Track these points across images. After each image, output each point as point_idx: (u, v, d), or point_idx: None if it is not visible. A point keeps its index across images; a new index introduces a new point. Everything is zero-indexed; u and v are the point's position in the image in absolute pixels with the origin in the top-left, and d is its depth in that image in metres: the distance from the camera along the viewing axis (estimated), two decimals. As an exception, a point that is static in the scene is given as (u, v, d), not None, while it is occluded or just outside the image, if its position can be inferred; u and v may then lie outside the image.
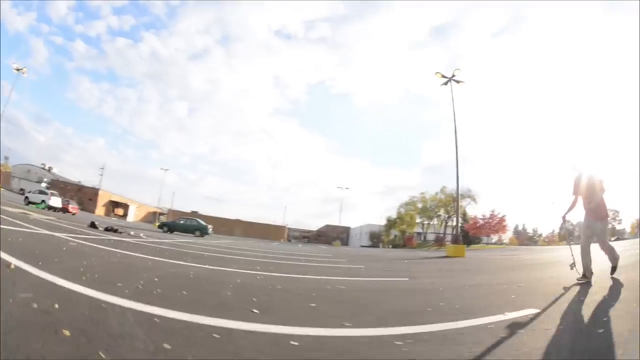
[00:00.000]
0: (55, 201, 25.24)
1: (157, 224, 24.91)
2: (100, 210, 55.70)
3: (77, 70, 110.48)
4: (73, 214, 24.89)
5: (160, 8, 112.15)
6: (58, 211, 23.64)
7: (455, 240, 15.43)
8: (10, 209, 12.08)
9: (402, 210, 63.48)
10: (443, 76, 18.26)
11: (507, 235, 56.28)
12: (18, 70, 28.91)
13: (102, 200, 58.22)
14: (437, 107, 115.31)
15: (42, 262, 3.49)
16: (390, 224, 63.00)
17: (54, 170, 73.85)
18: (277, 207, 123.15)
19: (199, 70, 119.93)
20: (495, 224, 51.53)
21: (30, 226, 7.96)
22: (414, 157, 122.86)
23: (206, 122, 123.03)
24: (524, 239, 70.32)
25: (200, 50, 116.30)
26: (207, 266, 5.69)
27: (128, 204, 62.86)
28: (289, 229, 72.60)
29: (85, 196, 55.28)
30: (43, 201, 24.23)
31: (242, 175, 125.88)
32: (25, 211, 13.83)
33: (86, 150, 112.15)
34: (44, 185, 63.08)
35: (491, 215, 51.80)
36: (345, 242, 65.87)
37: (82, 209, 52.72)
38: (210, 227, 23.21)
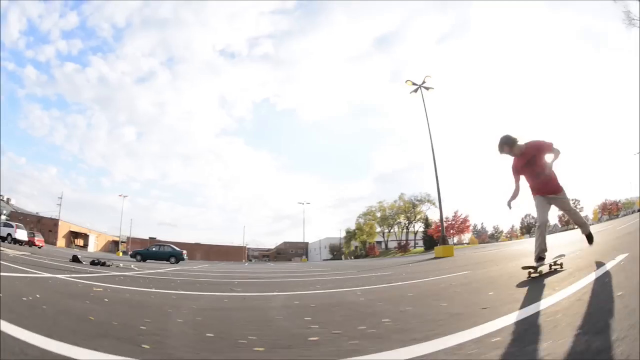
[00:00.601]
0: (21, 234, 23.60)
1: (120, 252, 22.75)
2: (61, 242, 53.28)
3: (28, 97, 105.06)
4: (39, 247, 23.65)
5: (107, 31, 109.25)
6: (23, 244, 22.47)
7: (443, 241, 15.83)
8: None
9: (362, 220, 64.57)
10: (413, 84, 18.84)
11: (467, 236, 59.15)
12: None
13: (62, 230, 55.59)
14: (385, 116, 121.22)
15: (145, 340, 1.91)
16: (350, 235, 63.73)
17: (12, 202, 67.74)
18: (230, 228, 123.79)
19: (145, 94, 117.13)
20: (459, 225, 53.43)
21: (23, 267, 6.63)
22: (365, 168, 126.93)
23: (155, 146, 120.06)
24: (485, 237, 73.21)
25: (146, 73, 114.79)
26: (267, 293, 4.77)
27: (87, 233, 59.93)
28: (249, 248, 70.83)
29: (45, 227, 51.55)
30: (9, 234, 22.56)
31: (193, 198, 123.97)
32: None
33: (40, 180, 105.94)
34: (3, 217, 57.08)
35: (454, 216, 53.40)
36: (305, 255, 65.23)
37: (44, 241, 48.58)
38: (184, 252, 21.85)
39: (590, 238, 4.63)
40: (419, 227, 65.25)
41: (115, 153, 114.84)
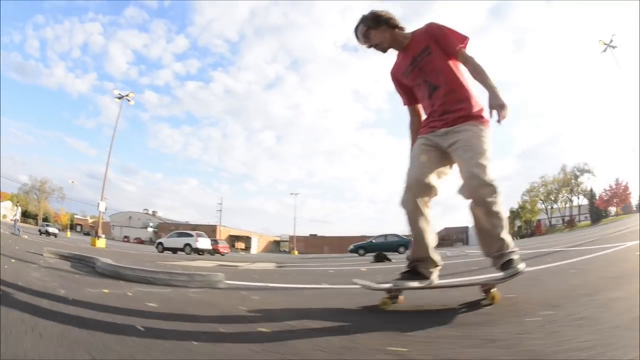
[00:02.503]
0: (204, 242, 20.86)
1: (296, 252, 22.74)
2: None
3: (153, 119, 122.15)
4: (223, 254, 21.94)
5: (222, 47, 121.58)
6: (204, 253, 19.84)
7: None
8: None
9: (527, 198, 60.43)
10: (605, 43, 18.35)
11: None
12: (121, 97, 23.80)
13: (222, 236, 54.41)
14: (516, 87, 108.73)
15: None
16: (514, 214, 59.74)
17: (159, 214, 75.56)
18: (382, 220, 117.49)
19: (277, 98, 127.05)
20: (621, 193, 48.83)
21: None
22: (506, 146, 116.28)
23: (296, 147, 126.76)
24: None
25: (274, 78, 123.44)
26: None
27: (249, 236, 61.93)
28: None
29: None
30: (188, 245, 20.05)
31: (342, 193, 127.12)
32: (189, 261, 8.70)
33: (179, 192, 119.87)
34: (150, 230, 67.16)
35: (616, 184, 49.10)
36: (465, 241, 63.11)
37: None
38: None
39: (506, 265, 1.88)
40: (581, 200, 59.09)
41: (257, 158, 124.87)
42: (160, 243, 20.96)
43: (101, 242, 18.49)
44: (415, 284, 1.96)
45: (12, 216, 20.88)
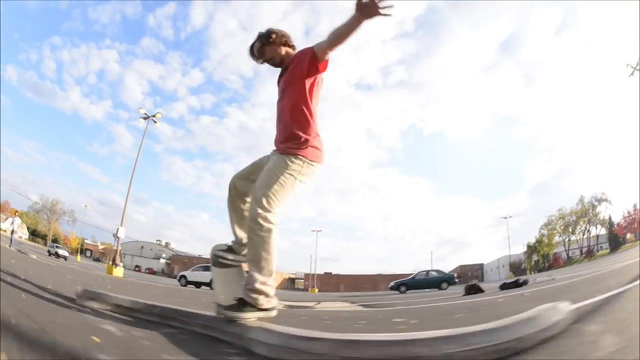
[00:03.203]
0: None
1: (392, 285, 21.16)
2: None
3: (167, 151, 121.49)
4: None
5: (236, 82, 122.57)
6: None
7: None
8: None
9: (544, 232, 59.93)
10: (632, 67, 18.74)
11: None
12: (147, 117, 22.13)
13: None
14: (525, 123, 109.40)
15: None
16: (532, 249, 58.99)
17: (172, 246, 75.15)
18: (393, 258, 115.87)
19: None
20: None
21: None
22: (517, 181, 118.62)
23: (308, 185, 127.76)
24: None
25: None
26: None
27: None
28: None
29: None
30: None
31: (354, 232, 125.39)
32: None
33: (191, 225, 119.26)
34: (163, 261, 67.05)
35: (634, 210, 48.41)
36: (481, 278, 61.45)
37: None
38: (455, 274, 20.74)
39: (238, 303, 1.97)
40: (599, 230, 58.23)
41: None
42: (184, 276, 19.60)
43: (119, 271, 17.46)
44: (247, 314, 1.96)
45: (9, 226, 17.57)
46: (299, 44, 2.30)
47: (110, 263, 18.50)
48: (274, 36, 2.26)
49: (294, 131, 2.08)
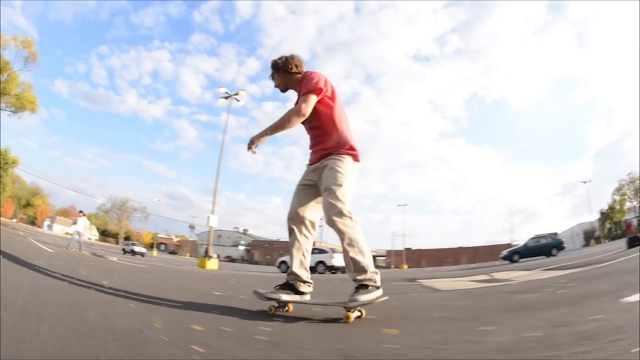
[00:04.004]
0: (340, 259, 17.45)
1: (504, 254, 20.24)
2: None
3: (233, 140, 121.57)
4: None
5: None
6: (335, 272, 17.87)
7: None
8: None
9: (616, 197, 56.65)
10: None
11: None
12: (228, 96, 20.25)
13: None
14: (584, 84, 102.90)
15: None
16: (604, 216, 56.18)
17: (250, 232, 75.71)
18: (466, 230, 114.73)
19: (355, 114, 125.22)
20: None
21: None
22: (581, 147, 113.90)
23: (379, 162, 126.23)
24: None
25: (350, 94, 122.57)
26: None
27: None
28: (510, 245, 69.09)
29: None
30: (321, 262, 18.32)
31: (426, 206, 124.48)
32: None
33: (263, 210, 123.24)
34: (242, 248, 66.96)
35: None
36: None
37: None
38: (563, 240, 19.75)
39: (357, 291, 2.15)
40: None
41: None
42: (284, 262, 18.75)
43: (213, 263, 15.35)
44: (285, 297, 2.31)
45: (74, 227, 14.69)
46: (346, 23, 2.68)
47: (204, 255, 16.24)
48: (276, 66, 2.55)
49: (336, 139, 2.37)
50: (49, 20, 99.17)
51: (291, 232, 2.41)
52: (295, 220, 2.41)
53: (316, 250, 18.24)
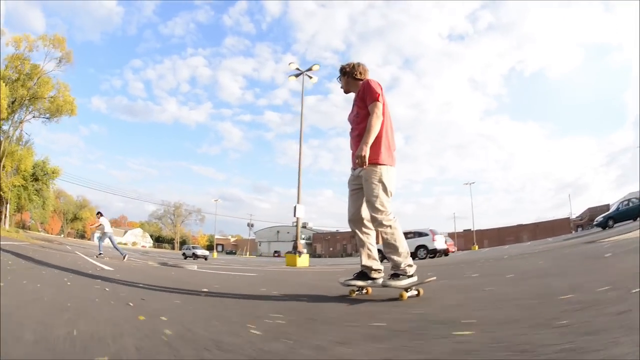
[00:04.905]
0: (441, 241, 17.19)
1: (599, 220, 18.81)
2: None
3: (278, 137, 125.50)
4: (450, 253, 19.64)
5: (331, 58, 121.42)
6: (435, 256, 16.54)
7: None
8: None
9: None
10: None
11: None
12: (299, 74, 18.32)
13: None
14: (616, 50, 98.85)
15: None
16: None
17: (309, 225, 75.01)
18: (517, 209, 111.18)
19: (397, 100, 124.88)
20: None
21: None
22: (621, 114, 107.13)
23: (425, 145, 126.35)
24: None
25: (390, 80, 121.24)
26: None
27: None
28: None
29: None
30: (422, 247, 16.70)
31: (477, 186, 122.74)
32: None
33: (315, 204, 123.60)
34: (303, 242, 65.71)
35: None
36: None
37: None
38: None
39: (391, 277, 2.63)
40: None
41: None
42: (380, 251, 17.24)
43: (303, 260, 14.10)
44: (359, 282, 2.78)
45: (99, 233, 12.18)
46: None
47: (293, 252, 14.84)
48: (344, 70, 2.96)
49: (373, 148, 2.61)
50: (76, 42, 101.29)
51: (355, 234, 2.83)
52: (355, 222, 2.82)
53: (410, 235, 17.02)
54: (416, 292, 2.62)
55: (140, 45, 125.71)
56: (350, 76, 2.91)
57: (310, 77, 18.79)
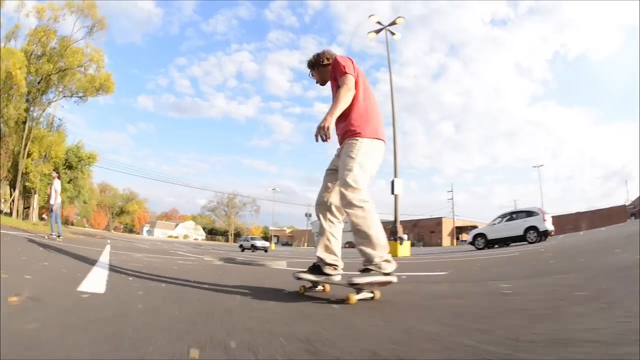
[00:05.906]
0: (549, 222, 14.80)
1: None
2: (446, 240, 53.51)
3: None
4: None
5: (377, 48, 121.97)
6: (546, 238, 14.25)
7: None
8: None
9: None
10: None
11: None
12: (381, 29, 15.45)
13: (446, 229, 54.62)
14: None
15: None
16: None
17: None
18: (566, 198, 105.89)
19: (446, 87, 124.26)
20: None
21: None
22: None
23: (475, 133, 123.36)
24: None
25: (437, 68, 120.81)
26: None
27: (476, 225, 55.88)
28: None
29: (423, 230, 55.50)
30: (531, 228, 14.15)
31: (528, 174, 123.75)
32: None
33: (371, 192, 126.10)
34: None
35: None
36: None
37: (423, 244, 52.28)
38: None
39: (362, 273, 2.21)
40: None
41: (439, 150, 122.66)
42: (482, 235, 15.33)
43: (404, 249, 12.39)
44: (310, 276, 2.44)
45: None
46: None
47: (392, 239, 12.57)
48: (310, 63, 2.79)
49: (350, 121, 2.37)
50: (117, 45, 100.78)
51: (318, 219, 2.50)
52: (320, 207, 2.49)
53: (514, 216, 15.15)
54: (371, 295, 2.20)
55: (183, 43, 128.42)
56: (319, 65, 2.72)
57: (393, 34, 15.89)
